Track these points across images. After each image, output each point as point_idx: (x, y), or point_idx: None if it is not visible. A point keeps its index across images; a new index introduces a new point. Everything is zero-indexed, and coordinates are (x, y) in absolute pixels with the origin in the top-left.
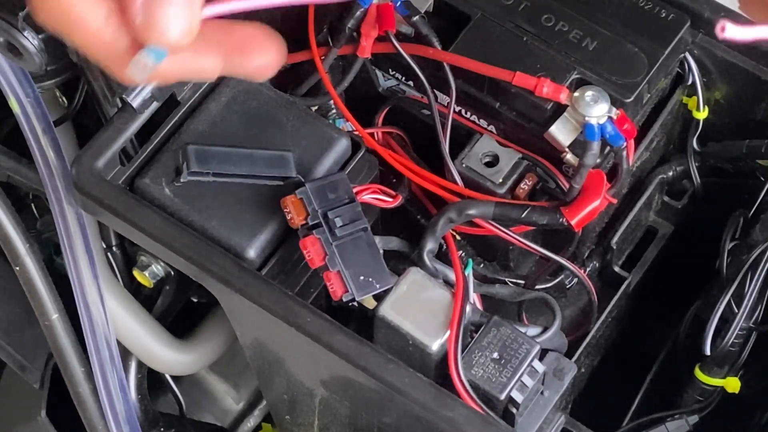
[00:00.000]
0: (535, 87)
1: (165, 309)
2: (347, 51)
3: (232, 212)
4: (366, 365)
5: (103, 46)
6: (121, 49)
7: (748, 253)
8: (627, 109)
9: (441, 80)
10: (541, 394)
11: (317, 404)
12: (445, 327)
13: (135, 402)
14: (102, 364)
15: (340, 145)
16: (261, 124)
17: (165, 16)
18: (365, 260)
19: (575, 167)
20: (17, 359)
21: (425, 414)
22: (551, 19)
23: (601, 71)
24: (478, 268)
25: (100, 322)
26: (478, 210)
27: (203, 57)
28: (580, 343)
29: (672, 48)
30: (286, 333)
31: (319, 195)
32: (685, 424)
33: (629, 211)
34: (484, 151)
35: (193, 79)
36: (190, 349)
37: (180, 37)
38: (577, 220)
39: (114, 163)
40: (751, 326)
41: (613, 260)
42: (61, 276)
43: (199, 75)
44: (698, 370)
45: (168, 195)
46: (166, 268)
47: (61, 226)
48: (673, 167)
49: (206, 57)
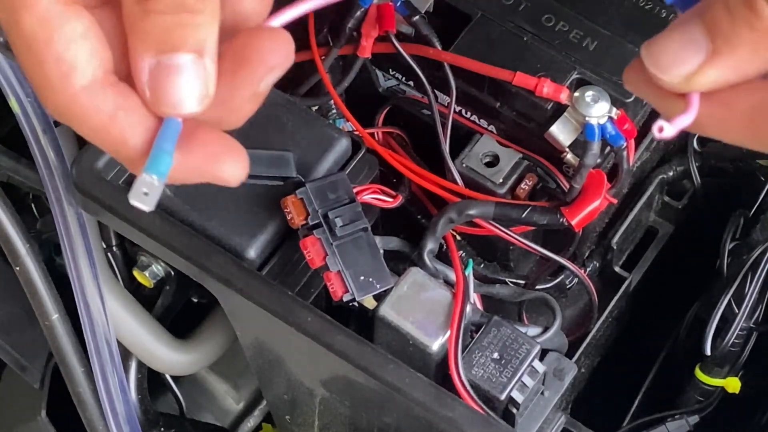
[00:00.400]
0: (535, 87)
1: (165, 309)
2: (347, 51)
3: (232, 212)
4: (366, 365)
5: (113, 144)
6: (137, 146)
7: (749, 253)
8: (627, 109)
9: (441, 80)
10: (541, 394)
11: (317, 404)
12: (445, 327)
13: (135, 402)
14: (102, 364)
15: (340, 145)
16: (261, 124)
17: (176, 84)
18: (365, 260)
19: (575, 167)
20: (17, 359)
21: (425, 414)
22: (551, 19)
23: (601, 71)
24: (479, 268)
25: (100, 322)
26: (479, 210)
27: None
28: (580, 343)
29: None
30: (286, 333)
31: (320, 195)
32: (685, 424)
33: (629, 211)
34: (484, 151)
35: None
36: (190, 349)
37: (196, 104)
38: (578, 220)
39: (114, 163)
40: (752, 326)
41: (613, 260)
42: (61, 276)
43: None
44: (698, 370)
45: (168, 195)
46: (166, 268)
47: (61, 226)
48: (673, 167)
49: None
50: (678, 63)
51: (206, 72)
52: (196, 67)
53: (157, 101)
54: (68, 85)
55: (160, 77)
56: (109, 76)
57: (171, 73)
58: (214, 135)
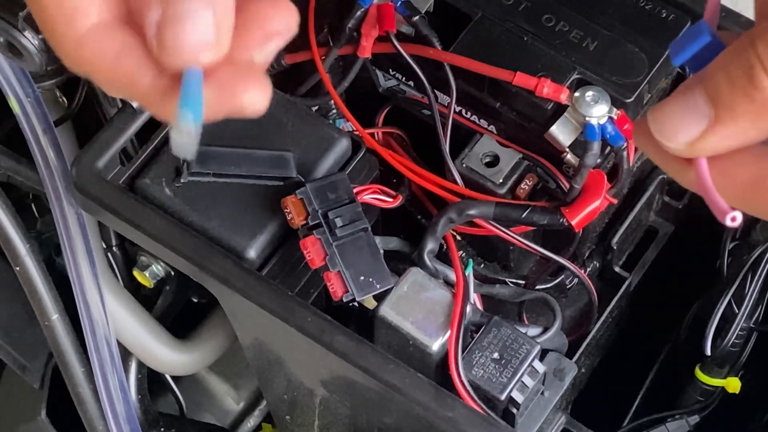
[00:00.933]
0: (535, 87)
1: (165, 309)
2: (347, 51)
3: (232, 212)
4: (366, 365)
5: (125, 86)
6: (148, 86)
7: (749, 254)
8: (627, 110)
9: (441, 80)
10: (541, 394)
11: (317, 404)
12: (445, 327)
13: (135, 402)
14: (102, 364)
15: (340, 145)
16: (261, 124)
17: (185, 32)
18: (365, 260)
19: (576, 167)
20: (17, 359)
21: (425, 414)
22: (551, 19)
23: (601, 71)
24: (479, 268)
25: (100, 322)
26: (479, 210)
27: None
28: (580, 343)
29: None
30: (286, 333)
31: (320, 195)
32: (685, 424)
33: (630, 211)
34: (484, 151)
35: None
36: (190, 349)
37: (211, 51)
38: (578, 220)
39: (114, 163)
40: (752, 326)
41: (613, 260)
42: (61, 276)
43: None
44: (698, 371)
45: (168, 195)
46: (166, 268)
47: (61, 226)
48: None
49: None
50: (680, 130)
51: (219, 19)
52: (208, 14)
53: (169, 49)
54: (72, 28)
55: (173, 24)
56: (117, 19)
57: (184, 20)
58: (227, 69)
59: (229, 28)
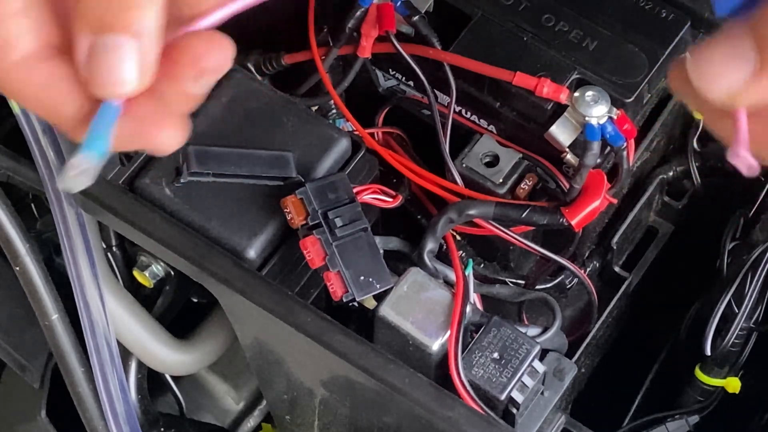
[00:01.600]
0: (535, 87)
1: (165, 309)
2: (347, 51)
3: (232, 212)
4: (366, 365)
5: (48, 115)
6: (70, 117)
7: (749, 253)
8: (627, 109)
9: (441, 80)
10: (541, 394)
11: (317, 404)
12: (445, 327)
13: (135, 402)
14: (102, 364)
15: (340, 145)
16: (261, 124)
17: (110, 65)
18: (365, 260)
19: (575, 167)
20: (17, 359)
21: (425, 414)
22: (551, 19)
23: (601, 71)
24: (479, 268)
25: (100, 322)
26: (479, 210)
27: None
28: (580, 343)
29: (672, 48)
30: (286, 333)
31: (319, 195)
32: (685, 424)
33: (629, 211)
34: (484, 151)
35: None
36: (190, 349)
37: (129, 87)
38: (578, 220)
39: (114, 163)
40: (752, 326)
41: (613, 260)
42: (61, 276)
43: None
44: (698, 371)
45: (168, 195)
46: (166, 268)
47: (61, 226)
48: (673, 167)
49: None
50: (723, 75)
51: (142, 56)
52: (131, 49)
53: (92, 81)
54: (2, 58)
55: (95, 57)
56: (47, 50)
57: (106, 53)
58: (150, 103)
59: (153, 62)
